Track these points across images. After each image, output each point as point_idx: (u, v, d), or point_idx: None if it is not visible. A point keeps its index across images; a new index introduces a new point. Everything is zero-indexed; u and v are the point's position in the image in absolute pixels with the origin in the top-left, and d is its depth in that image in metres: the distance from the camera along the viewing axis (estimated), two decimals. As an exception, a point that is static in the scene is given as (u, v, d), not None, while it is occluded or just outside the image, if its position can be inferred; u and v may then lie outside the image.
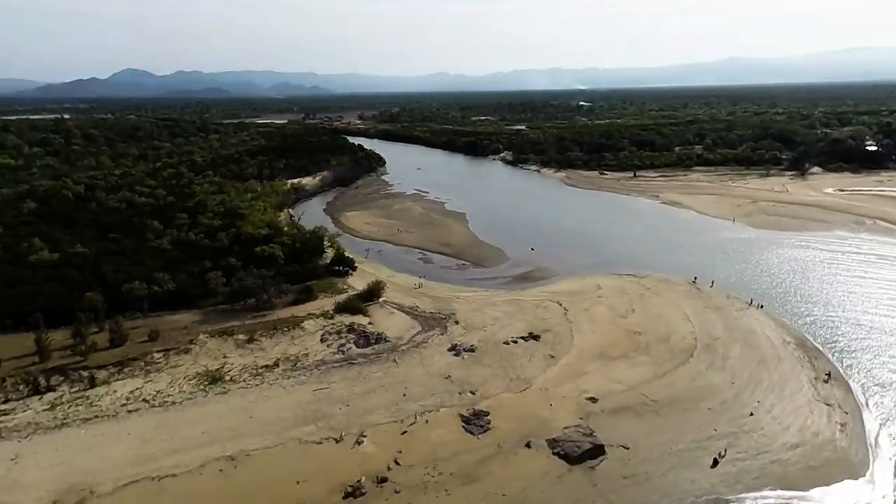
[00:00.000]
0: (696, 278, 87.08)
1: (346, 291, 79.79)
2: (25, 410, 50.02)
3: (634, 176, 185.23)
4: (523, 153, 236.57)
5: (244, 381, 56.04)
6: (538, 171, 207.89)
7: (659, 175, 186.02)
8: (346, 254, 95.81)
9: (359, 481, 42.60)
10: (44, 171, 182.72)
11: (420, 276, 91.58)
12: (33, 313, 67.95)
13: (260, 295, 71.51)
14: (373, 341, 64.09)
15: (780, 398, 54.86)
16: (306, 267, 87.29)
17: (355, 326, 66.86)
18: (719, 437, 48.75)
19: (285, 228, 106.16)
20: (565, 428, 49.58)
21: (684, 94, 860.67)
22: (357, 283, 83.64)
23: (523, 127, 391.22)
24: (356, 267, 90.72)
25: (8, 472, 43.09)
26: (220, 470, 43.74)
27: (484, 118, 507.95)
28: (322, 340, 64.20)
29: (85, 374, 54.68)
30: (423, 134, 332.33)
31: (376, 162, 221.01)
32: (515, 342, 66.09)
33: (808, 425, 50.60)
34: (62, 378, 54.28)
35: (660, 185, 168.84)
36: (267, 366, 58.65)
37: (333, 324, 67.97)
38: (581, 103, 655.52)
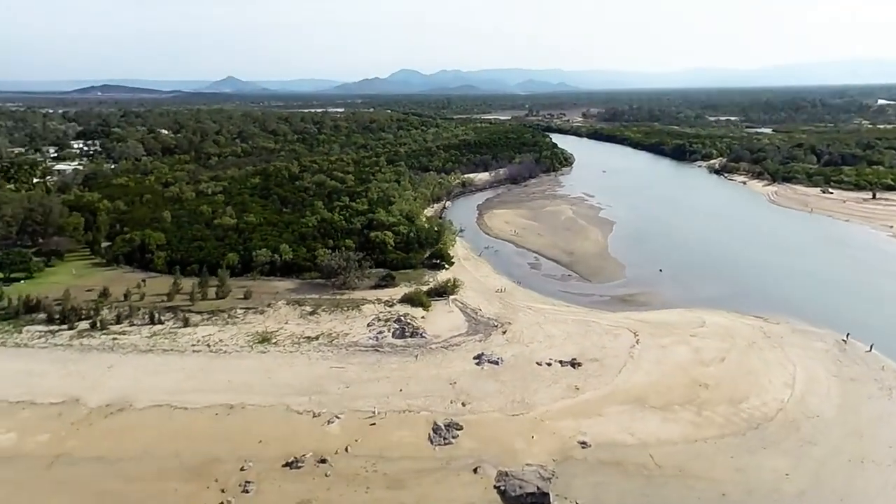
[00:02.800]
0: (848, 335, 67.36)
1: (428, 284, 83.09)
2: (136, 335, 66.36)
3: (873, 197, 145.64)
4: (736, 161, 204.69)
5: (284, 346, 64.36)
6: (743, 183, 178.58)
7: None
8: (454, 249, 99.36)
9: (304, 456, 46.37)
10: (289, 154, 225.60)
11: (516, 281, 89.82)
12: (191, 263, 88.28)
13: (344, 275, 79.72)
14: (408, 334, 66.56)
15: (842, 512, 40.79)
16: (408, 256, 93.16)
17: (402, 318, 70.06)
18: (706, 532, 39.11)
19: (416, 220, 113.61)
20: (527, 464, 45.47)
21: None
22: (446, 277, 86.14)
23: (768, 130, 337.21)
24: (453, 262, 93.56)
25: (101, 375, 58.35)
26: (216, 414, 52.08)
27: (724, 119, 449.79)
28: (368, 325, 69.15)
29: (186, 316, 69.53)
30: (635, 135, 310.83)
31: (560, 161, 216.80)
32: (549, 364, 61.35)
33: (853, 558, 36.97)
34: (171, 316, 70.06)
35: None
36: (309, 337, 66.09)
37: (389, 312, 72.34)
38: (880, 102, 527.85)
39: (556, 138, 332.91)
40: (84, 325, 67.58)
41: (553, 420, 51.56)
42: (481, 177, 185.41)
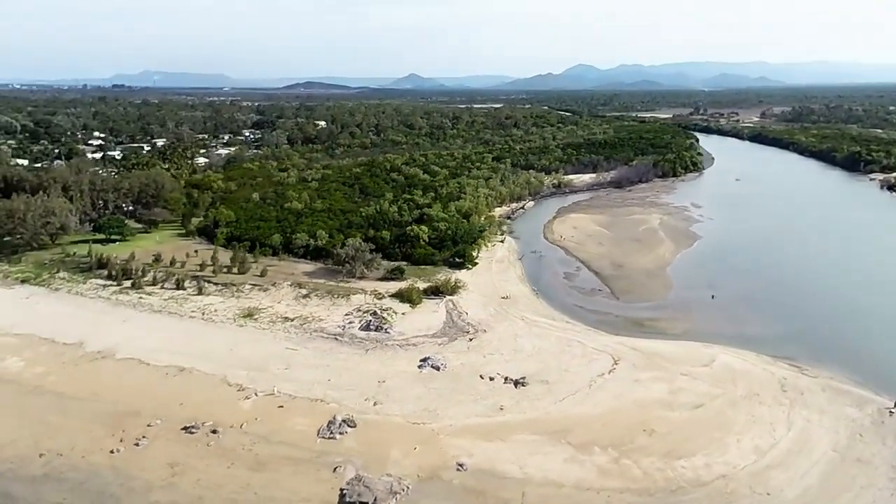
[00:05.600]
0: (898, 406, 51.78)
1: (437, 281, 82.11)
2: (158, 297, 76.65)
3: None
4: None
5: (262, 323, 69.21)
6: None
7: None
8: (493, 250, 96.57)
9: (203, 423, 50.14)
10: (410, 147, 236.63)
11: (534, 290, 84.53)
12: (245, 240, 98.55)
13: (352, 264, 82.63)
14: (373, 328, 66.95)
15: None
16: (432, 252, 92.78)
17: (378, 311, 70.59)
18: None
19: (472, 217, 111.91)
20: (387, 474, 43.71)
21: None
22: (455, 277, 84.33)
23: None
24: (476, 263, 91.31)
25: (112, 327, 68.71)
26: (167, 374, 58.38)
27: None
28: (346, 314, 71.01)
29: (202, 285, 78.41)
30: (807, 138, 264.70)
31: (685, 166, 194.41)
32: (492, 379, 57.31)
33: None
34: (194, 283, 79.56)
35: None
36: (286, 318, 70.12)
37: (372, 304, 73.41)
38: None
39: (712, 140, 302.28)
40: (128, 283, 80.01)
41: (450, 436, 48.47)
42: (583, 178, 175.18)
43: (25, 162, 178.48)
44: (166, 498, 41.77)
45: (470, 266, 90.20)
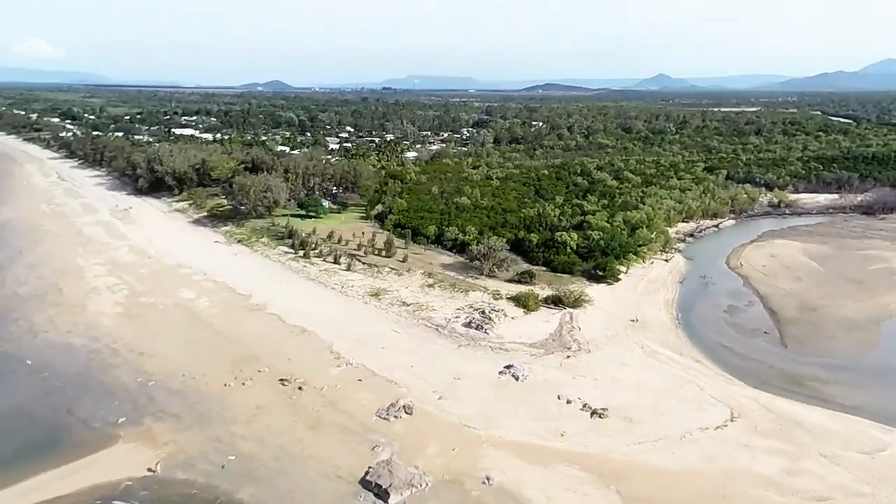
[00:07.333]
0: None
1: (566, 291, 77.74)
2: (317, 268, 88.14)
3: None
4: None
5: (383, 303, 74.39)
6: None
7: None
8: (648, 268, 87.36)
9: (295, 379, 56.64)
10: (617, 152, 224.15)
11: (678, 318, 73.87)
12: (406, 227, 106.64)
13: (482, 262, 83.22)
14: (474, 326, 66.57)
15: None
16: (573, 262, 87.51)
17: (486, 311, 69.85)
18: None
19: (640, 230, 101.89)
20: (415, 465, 44.05)
21: None
22: (589, 289, 78.69)
23: None
24: (619, 279, 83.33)
25: (276, 286, 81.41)
26: (292, 332, 66.78)
27: None
28: (457, 308, 72.05)
29: (352, 263, 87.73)
30: None
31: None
32: (569, 402, 52.49)
33: None
34: (347, 260, 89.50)
35: None
36: (404, 303, 74.14)
37: (486, 303, 72.99)
38: None
39: None
40: (301, 253, 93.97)
41: (495, 447, 46.33)
42: (817, 198, 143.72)
43: (288, 149, 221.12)
44: (240, 432, 48.98)
45: (611, 281, 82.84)
